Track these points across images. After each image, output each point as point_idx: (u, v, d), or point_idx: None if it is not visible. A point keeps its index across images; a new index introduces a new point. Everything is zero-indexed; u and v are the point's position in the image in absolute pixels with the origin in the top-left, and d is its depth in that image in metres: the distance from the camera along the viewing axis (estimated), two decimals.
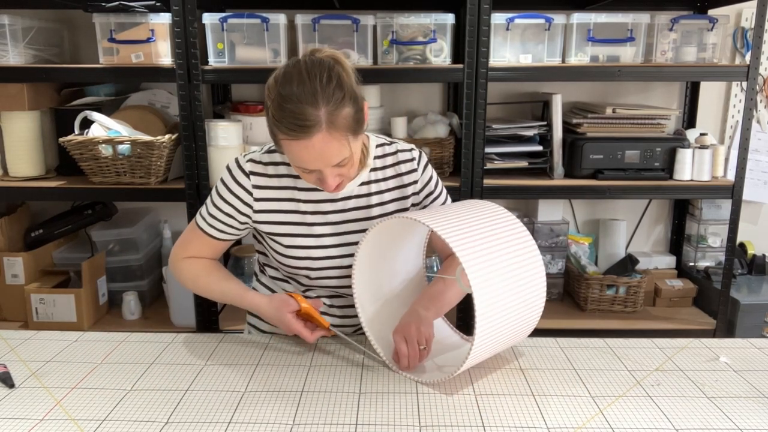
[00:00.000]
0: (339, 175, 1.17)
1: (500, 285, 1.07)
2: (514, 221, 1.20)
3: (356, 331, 1.38)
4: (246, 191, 1.27)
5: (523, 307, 1.12)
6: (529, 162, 2.21)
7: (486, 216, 1.17)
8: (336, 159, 1.13)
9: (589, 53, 2.10)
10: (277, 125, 1.11)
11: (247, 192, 1.27)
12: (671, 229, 2.64)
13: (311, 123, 1.07)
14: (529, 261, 1.14)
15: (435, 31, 2.03)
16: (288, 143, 1.12)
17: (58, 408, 1.04)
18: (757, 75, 2.02)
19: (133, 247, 2.34)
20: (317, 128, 1.08)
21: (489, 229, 1.14)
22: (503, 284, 1.08)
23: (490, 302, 1.04)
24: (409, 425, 0.99)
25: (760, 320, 2.30)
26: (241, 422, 1.00)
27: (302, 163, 1.14)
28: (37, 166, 2.19)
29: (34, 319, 2.18)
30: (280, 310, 1.24)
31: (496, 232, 1.14)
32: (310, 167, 1.14)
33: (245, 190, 1.27)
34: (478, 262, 1.06)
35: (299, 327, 1.23)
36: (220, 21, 1.98)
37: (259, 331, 1.44)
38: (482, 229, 1.13)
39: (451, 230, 1.08)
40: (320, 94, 1.08)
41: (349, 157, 1.15)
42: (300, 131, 1.08)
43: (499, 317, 1.07)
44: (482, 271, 1.05)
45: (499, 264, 1.09)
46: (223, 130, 2.05)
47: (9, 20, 2.03)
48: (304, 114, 1.07)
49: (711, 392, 1.11)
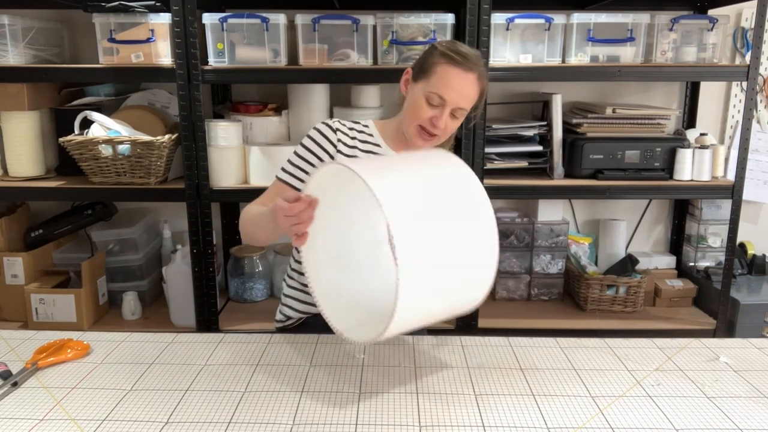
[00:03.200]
0: (446, 126, 1.36)
1: (429, 237, 1.00)
2: (465, 175, 1.11)
3: None
4: (331, 143, 1.42)
5: (461, 268, 1.05)
6: (529, 162, 2.21)
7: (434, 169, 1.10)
8: (465, 102, 1.35)
9: (589, 53, 2.10)
10: (442, 53, 1.35)
11: (331, 143, 1.42)
12: (671, 229, 2.64)
13: (473, 63, 1.35)
14: (473, 219, 1.07)
15: (435, 31, 2.03)
16: (447, 68, 1.33)
17: (58, 408, 1.04)
18: (757, 75, 2.02)
19: (133, 247, 2.34)
20: (475, 69, 1.35)
21: (430, 181, 1.06)
22: (433, 235, 1.00)
23: (415, 257, 0.97)
24: (409, 425, 0.99)
25: (760, 320, 2.30)
26: (241, 422, 1.00)
27: (445, 89, 1.33)
28: (37, 166, 2.19)
29: (34, 319, 2.18)
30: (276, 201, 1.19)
31: (436, 185, 1.06)
32: (448, 97, 1.33)
33: (330, 141, 1.42)
34: (404, 212, 0.98)
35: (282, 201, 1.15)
36: (220, 21, 1.98)
37: (294, 311, 1.53)
38: (422, 181, 1.05)
39: (378, 176, 1.00)
40: (481, 63, 1.38)
41: (464, 113, 1.37)
42: (465, 62, 1.34)
43: (425, 277, 0.99)
44: (408, 222, 0.97)
45: (431, 218, 1.01)
46: (223, 130, 2.05)
47: (9, 20, 2.03)
48: (471, 55, 1.36)
49: (711, 392, 1.11)
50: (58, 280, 2.26)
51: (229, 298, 2.42)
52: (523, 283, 2.44)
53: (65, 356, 1.22)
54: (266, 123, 2.19)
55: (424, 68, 1.37)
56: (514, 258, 2.42)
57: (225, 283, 2.46)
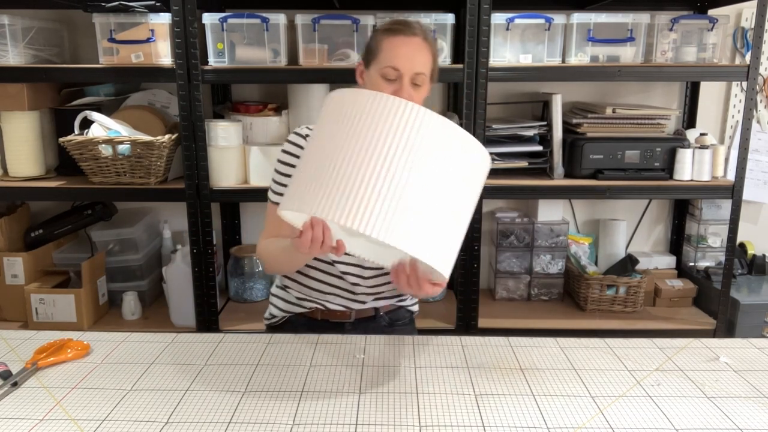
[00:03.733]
0: (410, 96, 1.32)
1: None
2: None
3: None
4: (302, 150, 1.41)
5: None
6: (529, 162, 2.21)
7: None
8: (420, 66, 1.33)
9: (589, 53, 2.10)
10: (383, 30, 1.36)
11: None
12: (671, 229, 2.64)
13: (413, 27, 1.35)
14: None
15: (435, 31, 2.03)
16: (389, 40, 1.33)
17: (58, 408, 1.04)
18: (757, 75, 2.02)
19: (133, 247, 2.34)
20: (418, 33, 1.34)
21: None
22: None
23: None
24: (409, 425, 1.00)
25: (760, 320, 2.30)
26: (241, 422, 1.00)
27: (395, 59, 1.31)
28: (37, 166, 2.19)
29: (34, 319, 2.18)
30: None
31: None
32: (400, 65, 1.31)
33: (302, 149, 1.41)
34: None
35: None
36: (220, 21, 1.98)
37: (278, 310, 1.55)
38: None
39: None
40: (422, 27, 1.37)
41: (426, 79, 1.35)
42: (404, 28, 1.34)
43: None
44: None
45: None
46: (223, 130, 2.05)
47: (9, 20, 2.03)
48: (409, 22, 1.37)
49: (711, 392, 1.11)
50: (58, 280, 2.26)
51: (229, 298, 2.43)
52: (523, 283, 2.44)
53: (65, 356, 1.22)
54: (266, 123, 2.19)
55: (371, 50, 1.37)
56: (514, 258, 2.42)
57: (225, 283, 2.46)
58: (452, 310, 2.24)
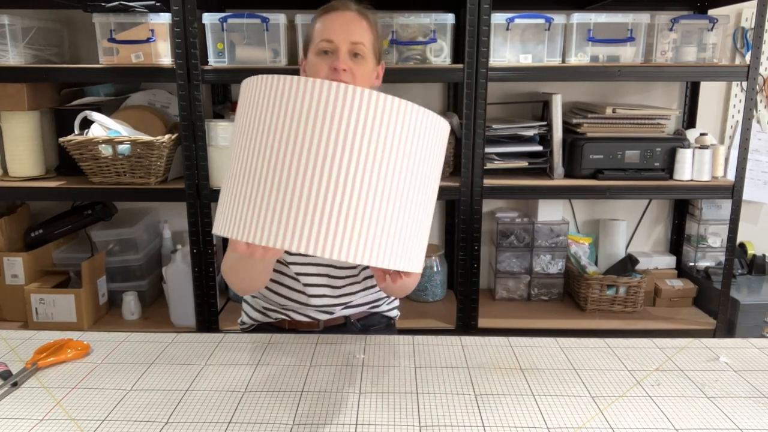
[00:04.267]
0: (350, 68, 1.28)
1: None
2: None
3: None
4: None
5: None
6: (529, 162, 2.21)
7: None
8: (355, 34, 1.28)
9: (589, 53, 2.10)
10: (316, 15, 1.33)
11: None
12: (671, 229, 2.64)
13: (347, 4, 1.33)
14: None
15: (435, 31, 2.03)
16: (323, 18, 1.31)
17: (58, 408, 1.04)
18: (757, 75, 2.02)
19: (133, 247, 2.34)
20: (352, 8, 1.32)
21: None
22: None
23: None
24: (409, 425, 0.99)
25: (760, 320, 2.30)
26: (241, 422, 1.00)
27: (328, 31, 1.28)
28: (37, 166, 2.19)
29: (34, 319, 2.18)
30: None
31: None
32: (335, 38, 1.27)
33: None
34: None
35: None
36: (220, 21, 1.98)
37: (248, 317, 1.54)
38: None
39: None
40: (356, 5, 1.35)
41: (366, 51, 1.30)
42: (338, 5, 1.32)
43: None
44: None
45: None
46: (223, 130, 2.05)
47: (9, 20, 2.03)
48: (343, 1, 1.34)
49: (711, 392, 1.11)
50: (58, 280, 2.26)
51: (229, 298, 2.43)
52: (523, 283, 2.44)
53: (65, 356, 1.21)
54: None
55: (308, 37, 1.37)
56: (514, 258, 2.42)
57: (225, 283, 2.46)
58: (452, 310, 2.24)
